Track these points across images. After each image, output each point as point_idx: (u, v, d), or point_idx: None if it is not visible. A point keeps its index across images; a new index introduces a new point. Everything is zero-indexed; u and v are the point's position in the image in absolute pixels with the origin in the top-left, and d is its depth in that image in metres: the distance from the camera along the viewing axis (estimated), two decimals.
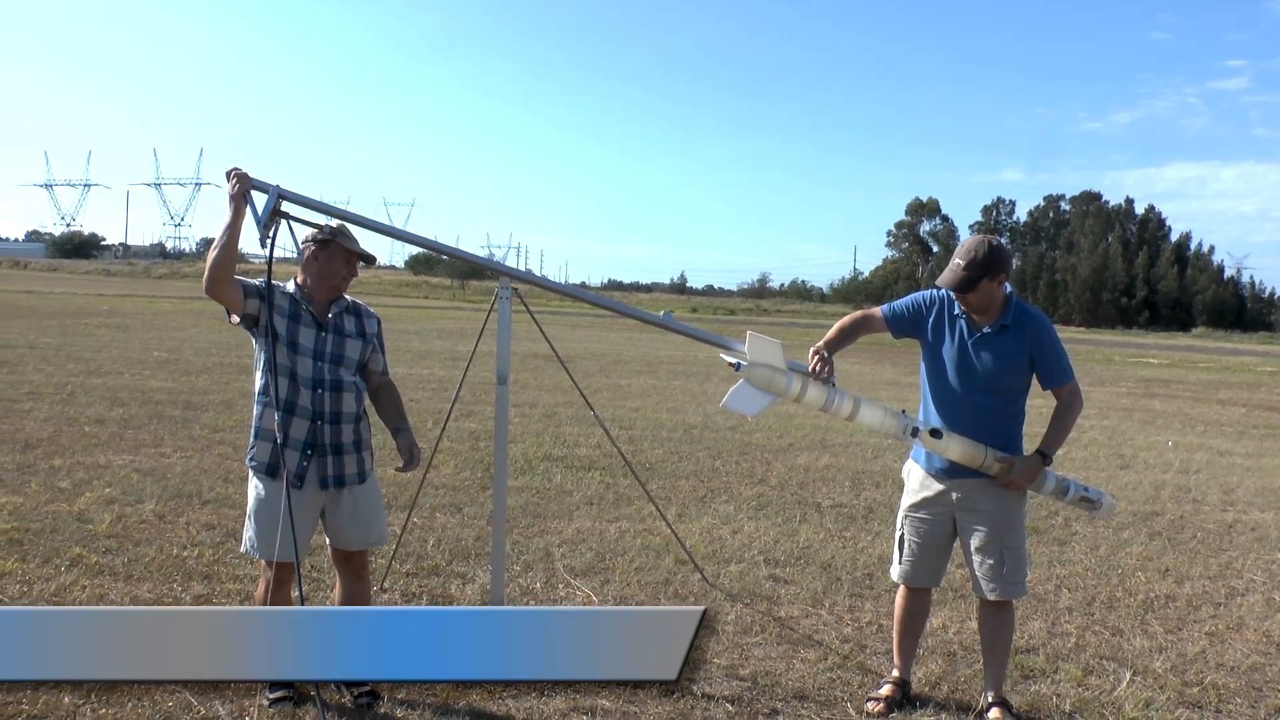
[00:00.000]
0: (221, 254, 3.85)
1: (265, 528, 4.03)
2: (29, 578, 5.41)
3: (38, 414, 10.65)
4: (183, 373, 15.30)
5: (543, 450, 10.11)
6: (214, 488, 7.69)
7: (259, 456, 4.07)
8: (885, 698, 4.40)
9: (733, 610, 5.59)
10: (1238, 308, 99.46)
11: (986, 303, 4.23)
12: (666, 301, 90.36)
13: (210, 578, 5.60)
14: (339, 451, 4.08)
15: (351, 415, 4.12)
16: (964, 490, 4.31)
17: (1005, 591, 4.30)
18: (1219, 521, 8.74)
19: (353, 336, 4.15)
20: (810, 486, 9.19)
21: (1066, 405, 4.34)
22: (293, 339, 4.01)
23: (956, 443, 4.20)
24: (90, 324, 24.91)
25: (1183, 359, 39.94)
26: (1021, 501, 4.37)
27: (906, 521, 4.47)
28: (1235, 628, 5.83)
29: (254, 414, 4.13)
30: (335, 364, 4.08)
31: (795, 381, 4.13)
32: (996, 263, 4.15)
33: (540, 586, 5.81)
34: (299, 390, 4.00)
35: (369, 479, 4.21)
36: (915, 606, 4.55)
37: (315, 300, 4.09)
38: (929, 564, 4.45)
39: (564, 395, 14.18)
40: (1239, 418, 17.91)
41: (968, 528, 4.33)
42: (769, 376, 4.11)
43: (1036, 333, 4.27)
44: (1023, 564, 4.35)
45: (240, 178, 3.84)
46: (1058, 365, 4.31)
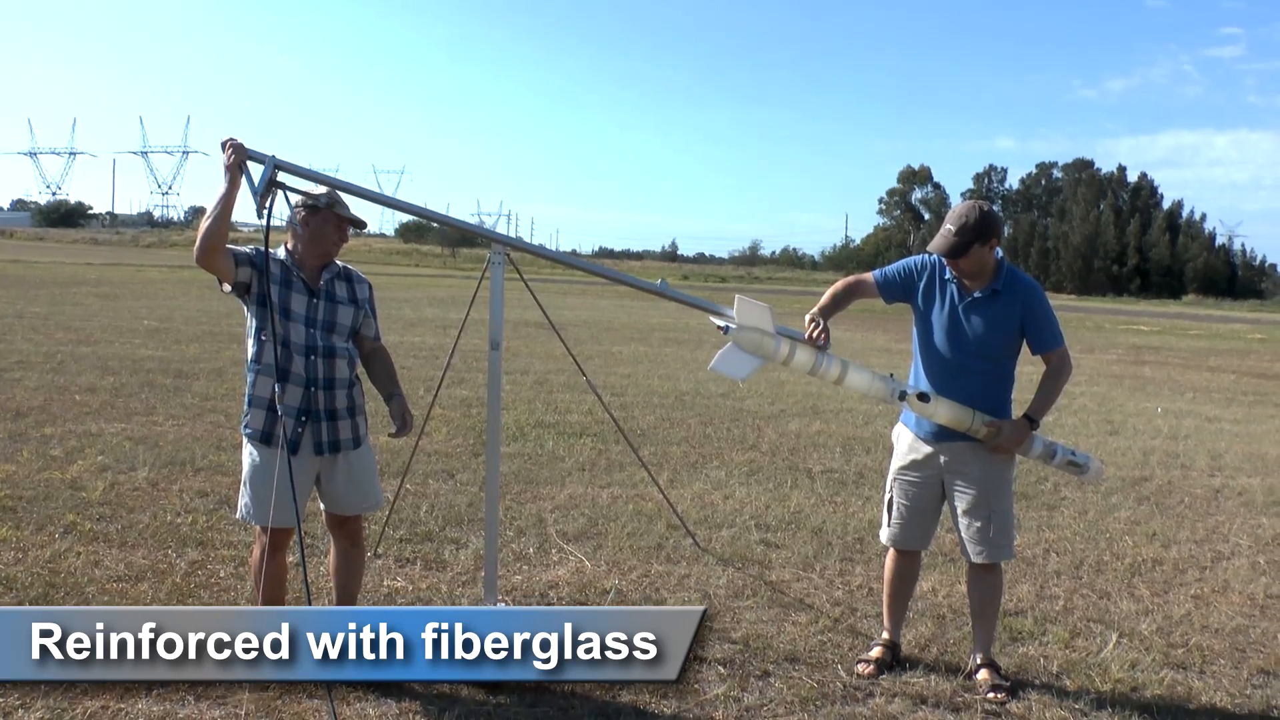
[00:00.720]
0: (215, 224, 3.83)
1: (260, 493, 4.04)
2: (24, 544, 5.43)
3: (28, 383, 10.63)
4: (173, 341, 15.26)
5: (534, 417, 10.13)
6: (206, 455, 7.70)
7: (253, 424, 4.07)
8: (875, 659, 4.45)
9: (724, 574, 5.63)
10: (1229, 275, 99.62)
11: (978, 268, 4.24)
12: (658, 269, 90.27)
13: (204, 544, 5.62)
14: (333, 417, 4.09)
15: (344, 381, 4.12)
16: (952, 453, 4.34)
17: (992, 554, 4.35)
18: (1206, 487, 8.81)
19: (344, 303, 4.15)
20: (801, 452, 9.23)
21: (1055, 371, 4.37)
22: (285, 306, 4.01)
23: (944, 407, 4.23)
24: (79, 293, 24.81)
25: (1173, 326, 40.08)
26: (1009, 465, 4.41)
27: (895, 484, 4.51)
28: (1220, 591, 5.90)
29: (247, 382, 4.12)
30: (328, 330, 4.08)
31: (784, 345, 4.15)
32: (987, 228, 4.15)
33: (533, 552, 5.84)
34: (291, 357, 4.00)
35: (364, 444, 4.23)
36: (905, 569, 4.60)
37: (306, 266, 4.09)
38: (917, 527, 4.49)
39: (555, 362, 14.18)
40: (1228, 384, 18.00)
41: (955, 491, 4.37)
42: (757, 340, 4.13)
43: (1027, 298, 4.28)
44: (1009, 528, 4.39)
45: (236, 148, 3.81)
46: (1048, 330, 4.33)
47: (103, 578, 5.00)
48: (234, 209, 3.88)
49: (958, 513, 4.37)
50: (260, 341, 4.04)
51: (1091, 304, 68.11)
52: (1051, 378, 4.37)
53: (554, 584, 5.33)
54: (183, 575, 5.10)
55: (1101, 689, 4.37)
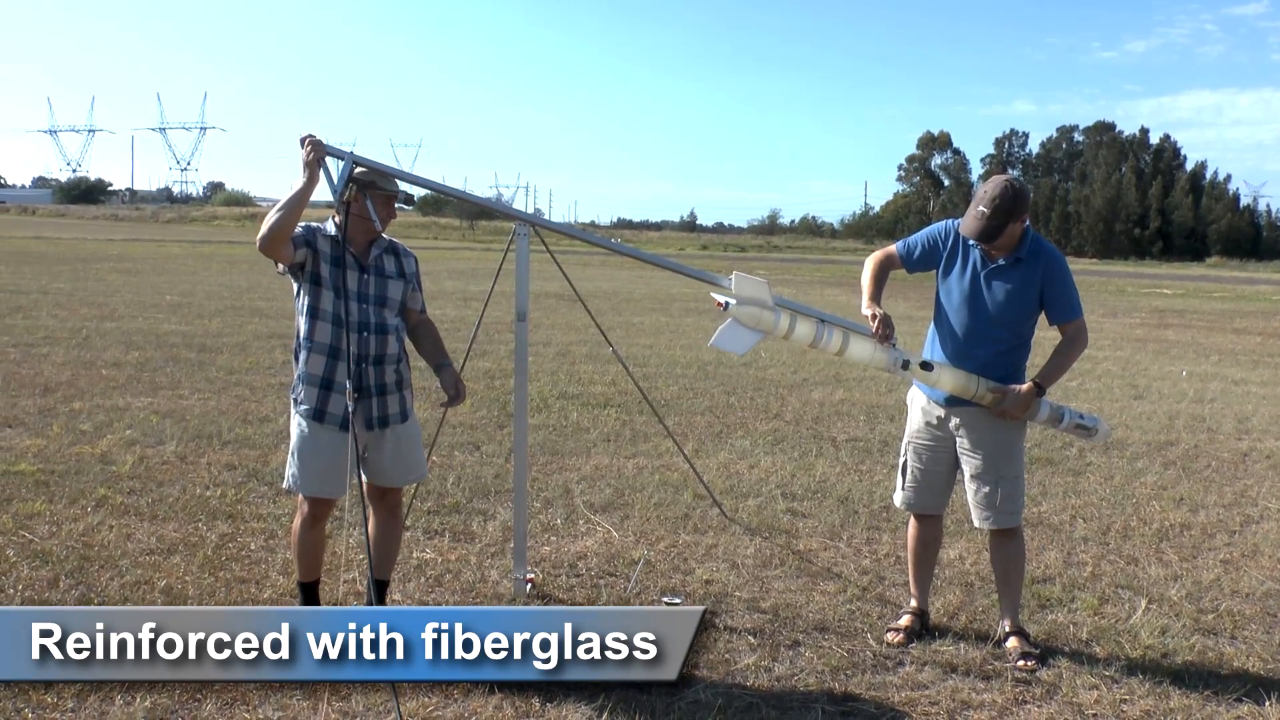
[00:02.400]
0: (286, 215, 3.82)
1: (308, 464, 4.07)
2: (58, 518, 5.49)
3: (55, 358, 10.72)
4: (195, 316, 15.35)
5: (558, 388, 10.15)
6: (233, 429, 7.76)
7: (306, 400, 4.07)
8: (904, 628, 4.45)
9: (752, 544, 5.64)
10: (1253, 237, 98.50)
11: (1009, 243, 4.23)
12: (677, 239, 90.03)
13: (234, 517, 5.67)
14: (383, 392, 4.10)
15: (394, 357, 4.13)
16: (963, 418, 4.35)
17: (997, 520, 4.36)
18: (1234, 450, 8.75)
19: (393, 277, 4.15)
20: (825, 421, 9.22)
21: (1070, 341, 4.33)
22: (336, 283, 4.00)
23: (949, 374, 4.21)
24: (101, 269, 24.95)
25: (1197, 289, 39.72)
26: (1020, 432, 4.40)
27: (909, 448, 4.54)
28: (1250, 555, 5.87)
29: (300, 359, 4.11)
30: (379, 306, 4.08)
31: (783, 318, 4.14)
32: (1020, 206, 4.13)
33: (561, 523, 5.87)
34: (341, 334, 4.00)
35: (410, 417, 4.25)
36: (927, 535, 4.60)
37: (356, 242, 4.07)
38: (931, 491, 4.51)
39: (578, 334, 14.19)
40: (1254, 346, 17.85)
41: (966, 455, 4.39)
42: (757, 315, 4.11)
43: (1048, 267, 4.26)
44: (1018, 494, 4.39)
45: (315, 145, 3.80)
46: (1066, 300, 4.30)
47: (135, 551, 5.06)
48: (307, 204, 3.86)
49: (966, 477, 4.40)
50: (312, 319, 4.04)
51: (1114, 267, 67.55)
52: (1065, 348, 4.33)
53: (582, 555, 5.35)
54: (214, 548, 5.15)
55: (1131, 655, 4.36)
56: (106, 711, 3.47)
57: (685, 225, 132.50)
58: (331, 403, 4.03)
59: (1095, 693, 3.99)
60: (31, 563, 4.82)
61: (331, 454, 4.05)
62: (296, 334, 4.12)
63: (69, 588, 4.54)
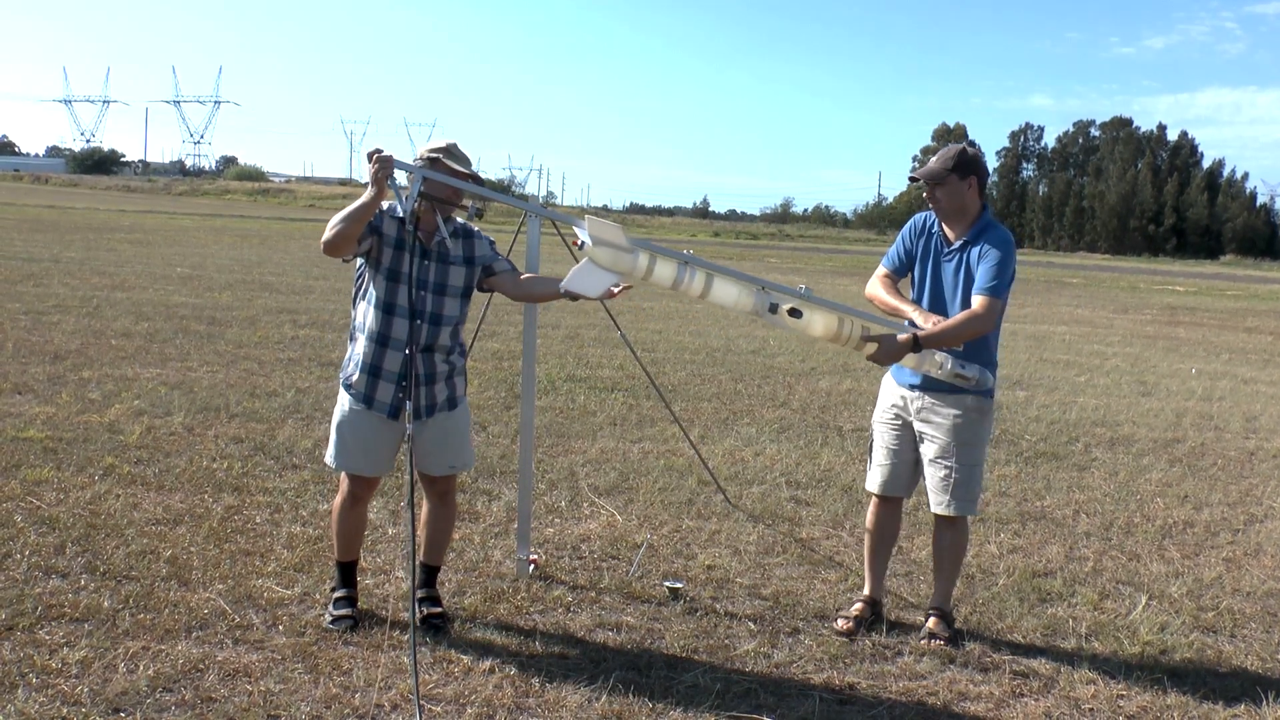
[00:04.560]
0: (349, 226, 3.82)
1: (350, 442, 4.09)
2: (65, 485, 5.52)
3: (65, 326, 10.76)
4: (205, 288, 15.38)
5: (566, 371, 10.16)
6: (240, 402, 7.78)
7: (357, 386, 4.06)
8: (854, 615, 4.46)
9: (755, 531, 5.66)
10: (1269, 235, 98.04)
11: (955, 204, 4.33)
12: (689, 225, 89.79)
13: (240, 489, 5.69)
14: (431, 381, 4.09)
15: (446, 347, 4.12)
16: (924, 402, 4.40)
17: (951, 506, 4.39)
18: (1240, 449, 8.74)
19: (457, 264, 4.11)
20: (832, 410, 9.22)
21: (972, 313, 4.21)
22: (395, 268, 3.98)
23: (819, 318, 4.11)
24: (113, 239, 25.00)
25: (1209, 286, 39.55)
26: (981, 421, 4.40)
27: (875, 430, 4.62)
28: (1253, 554, 5.87)
29: (352, 342, 4.12)
30: (438, 293, 4.06)
31: (642, 257, 4.00)
32: (965, 164, 4.32)
33: (565, 505, 5.88)
34: (394, 322, 4.00)
35: (459, 405, 4.23)
36: (884, 518, 4.63)
37: (423, 225, 4.04)
38: (896, 473, 4.54)
39: (586, 317, 14.19)
40: (1265, 345, 17.78)
41: (924, 438, 4.43)
42: (614, 255, 3.97)
43: (987, 243, 4.28)
44: (973, 482, 4.41)
45: (383, 161, 3.76)
46: (986, 274, 4.24)
47: (141, 520, 5.09)
48: (371, 214, 3.86)
49: (925, 461, 4.44)
50: (366, 304, 4.04)
51: (1127, 264, 67.30)
52: (964, 317, 4.22)
53: (585, 537, 5.37)
54: (219, 520, 5.18)
55: (1130, 651, 4.37)
56: (110, 679, 3.50)
57: (698, 211, 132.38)
58: (380, 390, 4.03)
59: (1093, 687, 4.00)
60: (39, 529, 4.85)
61: (373, 436, 4.07)
62: (352, 317, 4.14)
63: (75, 554, 4.57)
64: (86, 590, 4.21)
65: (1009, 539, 5.83)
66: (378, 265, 4.01)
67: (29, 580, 4.27)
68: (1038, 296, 27.73)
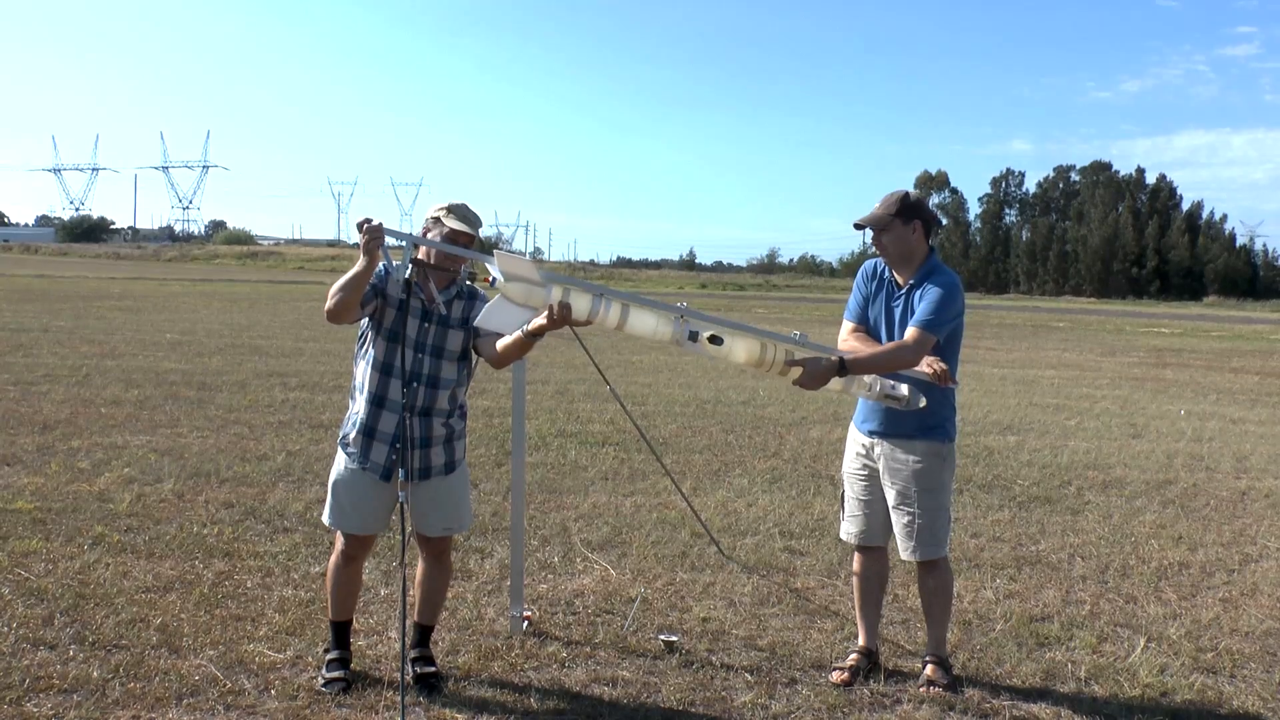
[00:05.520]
0: (348, 295, 3.83)
1: (344, 501, 4.08)
2: (54, 556, 5.48)
3: (55, 395, 10.73)
4: (195, 354, 15.37)
5: (556, 426, 10.15)
6: (231, 466, 7.75)
7: (353, 445, 4.06)
8: (849, 667, 4.43)
9: (749, 582, 5.63)
10: (1250, 276, 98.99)
11: (901, 249, 4.37)
12: (676, 278, 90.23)
13: (231, 554, 5.66)
14: (427, 445, 4.07)
15: (444, 411, 4.10)
16: (885, 449, 4.41)
17: (918, 552, 4.38)
18: (1232, 489, 8.75)
19: (455, 327, 4.09)
20: (823, 459, 9.22)
21: (903, 344, 4.22)
22: (395, 329, 3.99)
23: (741, 344, 4.05)
24: (102, 307, 25.01)
25: (1194, 328, 39.79)
26: (941, 466, 4.39)
27: (845, 481, 4.63)
28: (1249, 594, 5.86)
29: (352, 401, 4.13)
30: (435, 356, 4.05)
31: (555, 291, 3.87)
32: (908, 209, 4.36)
33: (558, 561, 5.86)
34: (389, 384, 4.00)
35: (458, 468, 4.20)
36: (870, 569, 4.61)
37: (425, 287, 4.05)
38: (870, 522, 4.53)
39: (576, 372, 14.21)
40: (1252, 386, 17.86)
41: (887, 485, 4.44)
42: (527, 290, 3.86)
43: (930, 284, 4.30)
44: (938, 526, 4.39)
45: (373, 231, 3.75)
46: (923, 309, 4.25)
47: (131, 588, 5.04)
48: (366, 282, 3.86)
49: (890, 507, 4.44)
50: (365, 365, 4.05)
51: (1111, 306, 67.72)
52: (892, 346, 4.23)
53: (579, 593, 5.34)
54: (210, 586, 5.14)
55: (1130, 694, 4.34)
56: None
57: (685, 264, 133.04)
58: (374, 451, 4.02)
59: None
60: (26, 600, 4.81)
61: (368, 496, 4.06)
62: (354, 376, 4.16)
63: (63, 625, 4.53)
64: (75, 660, 4.16)
65: (1005, 584, 5.81)
66: (379, 326, 4.02)
67: (16, 653, 4.22)
68: (1025, 341, 27.87)
